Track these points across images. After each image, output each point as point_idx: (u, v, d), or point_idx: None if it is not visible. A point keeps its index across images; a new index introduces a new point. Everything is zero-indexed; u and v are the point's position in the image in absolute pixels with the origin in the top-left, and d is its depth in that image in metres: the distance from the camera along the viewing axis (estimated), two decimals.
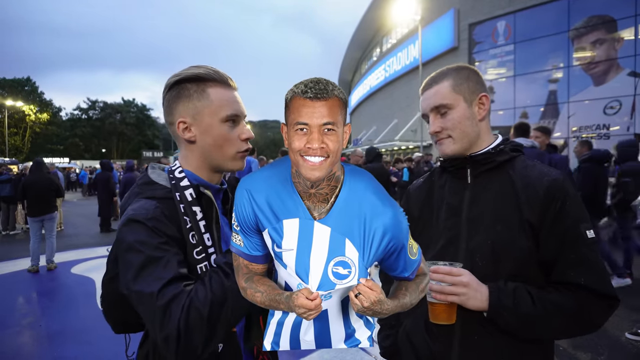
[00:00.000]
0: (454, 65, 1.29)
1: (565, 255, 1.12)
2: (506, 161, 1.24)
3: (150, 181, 1.15)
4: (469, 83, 1.25)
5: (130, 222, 1.03)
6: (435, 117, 1.27)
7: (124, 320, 1.23)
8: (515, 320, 1.11)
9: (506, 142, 1.29)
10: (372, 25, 33.50)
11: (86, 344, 4.08)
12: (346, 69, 45.64)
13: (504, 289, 1.13)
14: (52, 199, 7.22)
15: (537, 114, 18.04)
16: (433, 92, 1.27)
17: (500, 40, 19.20)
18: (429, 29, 22.14)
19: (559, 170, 1.22)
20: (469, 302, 1.12)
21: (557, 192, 1.13)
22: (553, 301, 1.11)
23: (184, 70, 1.15)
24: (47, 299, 5.61)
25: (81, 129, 65.71)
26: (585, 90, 16.52)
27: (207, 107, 1.12)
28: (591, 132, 16.32)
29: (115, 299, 1.17)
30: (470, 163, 1.26)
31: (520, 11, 18.20)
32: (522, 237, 1.14)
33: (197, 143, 1.15)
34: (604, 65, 15.97)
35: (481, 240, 1.19)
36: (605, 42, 15.90)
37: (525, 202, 1.15)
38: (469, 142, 1.25)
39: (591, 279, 1.11)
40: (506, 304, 1.11)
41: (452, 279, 1.12)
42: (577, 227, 1.13)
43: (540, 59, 17.87)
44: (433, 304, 1.16)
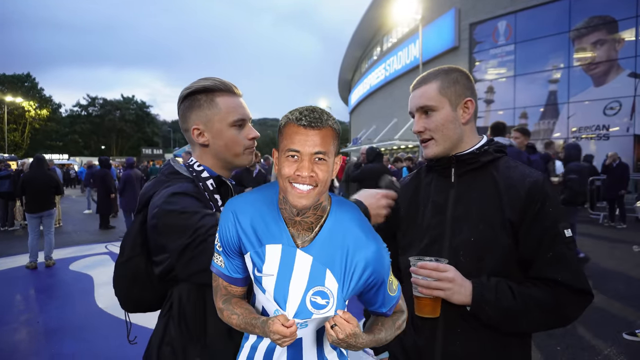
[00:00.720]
0: (445, 67, 1.33)
1: (544, 253, 1.17)
2: (490, 161, 1.29)
3: (176, 171, 1.29)
4: (456, 87, 1.28)
5: (176, 194, 1.14)
6: (419, 117, 1.31)
7: (141, 299, 1.31)
8: (496, 314, 1.16)
9: (490, 142, 1.33)
10: (372, 24, 33.46)
11: (84, 340, 4.07)
12: (346, 68, 45.62)
13: (486, 284, 1.17)
14: (51, 196, 7.20)
15: (537, 114, 18.04)
16: (421, 92, 1.31)
17: (501, 40, 19.19)
18: (429, 28, 22.12)
19: (542, 174, 1.26)
20: (453, 297, 1.16)
21: (537, 193, 1.18)
22: (533, 296, 1.16)
23: (194, 83, 1.29)
24: (45, 296, 5.61)
25: (80, 125, 65.60)
26: (585, 91, 16.52)
27: (217, 114, 1.26)
28: (591, 132, 16.33)
29: (134, 279, 1.26)
30: (455, 163, 1.31)
31: (521, 11, 18.19)
32: (504, 235, 1.19)
33: (210, 146, 1.29)
34: (605, 66, 15.97)
35: (465, 238, 1.23)
36: (605, 43, 15.90)
37: (507, 202, 1.20)
38: (451, 144, 1.29)
39: (568, 275, 1.16)
40: (488, 298, 1.15)
41: (438, 274, 1.16)
42: (555, 226, 1.18)
43: (540, 59, 17.86)
44: (419, 297, 1.20)
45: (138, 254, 1.24)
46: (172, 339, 1.17)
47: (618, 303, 4.87)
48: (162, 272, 1.18)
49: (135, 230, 1.25)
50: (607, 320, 4.35)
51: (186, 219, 1.07)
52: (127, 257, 1.26)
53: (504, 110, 19.12)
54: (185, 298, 1.17)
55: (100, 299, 5.26)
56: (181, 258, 1.07)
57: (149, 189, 1.25)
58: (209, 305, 1.15)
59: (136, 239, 1.24)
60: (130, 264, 1.26)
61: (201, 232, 1.06)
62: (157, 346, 1.21)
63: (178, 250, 1.07)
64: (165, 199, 1.12)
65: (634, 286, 5.40)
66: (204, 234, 1.05)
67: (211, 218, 1.10)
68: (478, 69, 20.31)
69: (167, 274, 1.17)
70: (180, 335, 1.16)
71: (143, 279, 1.25)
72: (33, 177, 7.04)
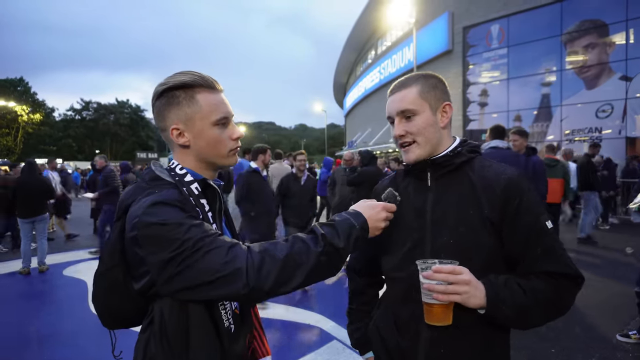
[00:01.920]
0: (423, 73, 1.35)
1: (532, 249, 1.19)
2: (465, 162, 1.30)
3: (157, 177, 1.18)
4: (436, 91, 1.30)
5: (157, 204, 1.03)
6: (400, 121, 1.31)
7: (120, 314, 1.23)
8: (513, 312, 1.15)
9: (464, 143, 1.35)
10: (367, 28, 33.58)
11: (76, 346, 4.03)
12: (341, 71, 45.72)
13: (496, 282, 1.16)
14: (43, 201, 7.12)
15: (531, 117, 18.16)
16: (401, 96, 1.31)
17: (494, 43, 19.32)
18: (423, 32, 22.23)
19: (516, 170, 1.28)
20: (470, 301, 1.12)
21: (514, 190, 1.20)
22: (538, 289, 1.17)
23: (170, 78, 1.18)
24: (38, 302, 5.55)
25: (74, 129, 65.24)
26: (577, 94, 16.65)
27: (197, 112, 1.16)
28: (583, 135, 16.45)
29: (112, 292, 1.18)
30: (430, 166, 1.32)
31: (514, 15, 18.33)
32: (485, 234, 1.20)
33: (192, 147, 1.20)
34: (596, 69, 16.11)
35: (445, 241, 1.24)
36: (597, 46, 16.04)
37: (485, 201, 1.21)
38: (431, 147, 1.30)
39: (560, 265, 1.19)
40: (503, 297, 1.13)
41: (454, 277, 1.11)
42: (537, 221, 1.20)
43: (533, 63, 18.00)
44: (431, 305, 1.13)
45: (117, 264, 1.14)
46: (153, 356, 1.11)
47: (611, 305, 4.90)
48: (143, 287, 1.10)
49: (113, 239, 1.15)
50: (601, 323, 4.37)
51: (168, 232, 0.99)
52: (106, 268, 1.18)
53: (498, 113, 19.22)
54: (167, 313, 1.09)
55: None
56: (162, 273, 0.99)
57: (128, 196, 1.15)
58: (192, 318, 1.10)
59: (115, 249, 1.15)
60: (109, 275, 1.17)
61: (187, 246, 0.97)
62: None
63: (159, 264, 0.99)
64: (144, 210, 1.02)
65: (626, 287, 5.43)
66: (191, 247, 0.97)
67: (197, 229, 1.01)
68: (472, 72, 20.43)
69: (148, 289, 1.09)
70: (162, 351, 1.09)
71: (121, 291, 1.16)
72: (25, 182, 6.94)
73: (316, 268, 1.03)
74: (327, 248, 1.04)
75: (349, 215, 1.14)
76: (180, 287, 1.00)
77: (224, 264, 0.97)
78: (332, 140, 77.13)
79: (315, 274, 1.04)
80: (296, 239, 1.06)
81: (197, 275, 0.98)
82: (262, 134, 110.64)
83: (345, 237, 1.07)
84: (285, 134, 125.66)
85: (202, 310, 1.10)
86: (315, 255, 1.03)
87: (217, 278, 0.97)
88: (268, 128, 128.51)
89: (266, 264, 0.99)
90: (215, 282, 0.97)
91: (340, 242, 1.06)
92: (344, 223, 1.10)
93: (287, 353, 3.82)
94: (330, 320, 4.59)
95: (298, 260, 1.01)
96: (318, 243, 1.05)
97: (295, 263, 1.01)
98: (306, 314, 4.78)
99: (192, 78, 1.16)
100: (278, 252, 1.01)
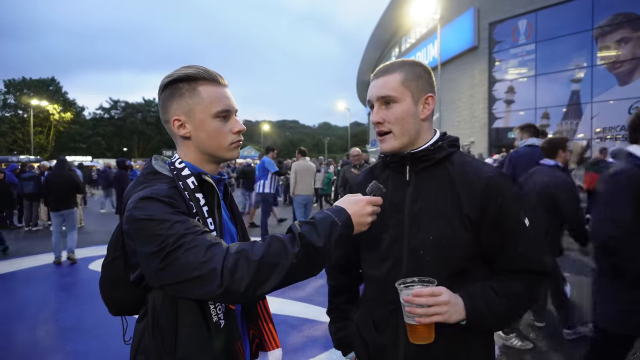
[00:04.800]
0: (410, 60, 1.29)
1: (511, 247, 1.20)
2: (444, 157, 1.26)
3: (155, 171, 1.20)
4: (419, 81, 1.25)
5: (145, 199, 1.05)
6: (379, 107, 1.26)
7: (123, 302, 1.28)
8: (490, 321, 1.18)
9: (444, 137, 1.31)
10: (390, 25, 33.29)
11: (99, 339, 4.14)
12: (365, 69, 45.49)
13: (473, 293, 1.16)
14: (72, 195, 7.49)
15: (559, 115, 17.66)
16: (382, 81, 1.26)
17: (521, 39, 18.85)
18: (448, 28, 21.88)
19: (497, 169, 1.26)
20: (451, 318, 1.12)
21: (495, 190, 1.17)
22: (513, 291, 1.19)
23: (176, 71, 1.20)
24: (65, 294, 5.73)
25: (103, 128, 67.26)
26: (609, 90, 16.10)
27: (199, 104, 1.18)
28: (616, 133, 15.89)
29: (115, 281, 1.24)
30: (409, 160, 1.27)
31: (542, 9, 17.85)
32: (463, 231, 1.17)
33: (192, 138, 1.21)
34: (629, 64, 15.53)
35: (424, 237, 1.20)
36: (630, 41, 15.45)
37: (464, 197, 1.18)
38: (409, 139, 1.26)
39: (538, 264, 1.22)
40: (481, 309, 1.15)
41: (434, 299, 1.09)
42: (519, 220, 1.20)
43: (562, 58, 17.48)
44: (414, 325, 1.12)
45: (119, 255, 1.20)
46: (146, 348, 1.12)
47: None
48: (137, 278, 1.13)
49: (117, 231, 1.21)
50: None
51: (153, 227, 1.00)
52: (111, 258, 1.23)
53: (525, 110, 18.78)
54: (159, 306, 1.10)
55: None
56: (149, 266, 1.00)
57: (129, 189, 1.19)
58: (181, 311, 1.09)
59: (118, 240, 1.20)
60: (112, 266, 1.23)
61: (169, 242, 0.97)
62: (133, 355, 1.17)
63: (145, 258, 1.01)
64: (134, 204, 1.05)
65: None
66: (172, 244, 0.97)
67: (181, 226, 1.00)
68: (498, 68, 20.00)
69: (141, 280, 1.12)
70: (154, 345, 1.09)
71: (123, 282, 1.20)
72: (55, 177, 7.34)
73: (293, 269, 0.99)
74: (305, 248, 1.00)
75: (331, 212, 1.09)
76: (165, 282, 1.00)
77: (201, 264, 0.96)
78: (355, 139, 76.79)
79: (293, 275, 1.00)
80: (273, 239, 1.02)
81: (177, 273, 0.97)
82: (285, 132, 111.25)
83: (325, 236, 1.02)
84: (309, 132, 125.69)
85: (191, 304, 1.10)
86: (292, 256, 0.98)
87: (194, 277, 0.96)
88: (292, 127, 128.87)
89: (240, 266, 0.96)
90: (192, 280, 0.97)
91: (320, 241, 1.01)
92: (325, 221, 1.05)
93: (301, 351, 3.81)
94: None
95: (274, 260, 0.98)
96: (295, 243, 1.00)
97: (271, 264, 0.97)
98: (322, 313, 4.75)
99: (196, 71, 1.18)
100: (254, 253, 0.98)
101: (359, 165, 7.22)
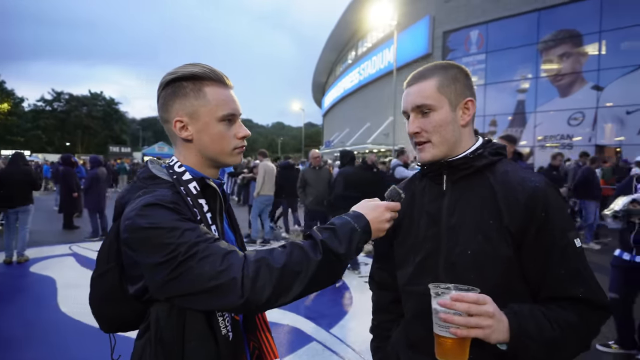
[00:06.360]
0: (443, 62, 1.22)
1: (555, 268, 1.05)
2: (485, 166, 1.16)
3: (153, 175, 1.13)
4: (457, 85, 1.17)
5: (149, 206, 0.98)
6: (415, 116, 1.18)
7: (117, 317, 1.17)
8: (539, 348, 0.98)
9: (487, 144, 1.22)
10: (348, 28, 33.72)
11: (46, 346, 3.86)
12: (321, 71, 45.79)
13: (520, 312, 0.99)
14: (27, 191, 7.02)
15: (506, 122, 18.59)
16: (417, 89, 1.18)
17: (473, 49, 19.68)
18: (404, 35, 22.45)
19: (544, 178, 1.15)
20: (492, 336, 0.94)
21: (540, 200, 1.06)
22: (565, 320, 1.01)
23: (179, 69, 1.13)
24: (3, 300, 5.27)
25: (44, 120, 62.97)
26: (551, 101, 17.15)
27: (204, 106, 1.11)
28: (555, 141, 16.94)
29: (108, 295, 1.13)
30: (447, 169, 1.19)
31: (493, 22, 18.73)
32: (504, 246, 1.07)
33: (194, 141, 1.14)
34: (570, 77, 16.63)
35: (461, 251, 1.11)
36: (571, 56, 16.56)
37: (505, 209, 1.08)
38: (448, 147, 1.17)
39: (588, 291, 1.04)
40: (530, 331, 0.97)
41: (477, 308, 0.92)
42: (564, 236, 1.05)
43: (510, 69, 18.45)
44: (444, 337, 0.95)
45: (113, 267, 1.10)
46: None
47: None
48: (138, 291, 1.04)
49: (110, 241, 1.10)
50: None
51: (161, 235, 0.93)
52: (102, 271, 1.12)
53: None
54: (163, 319, 1.03)
55: (63, 303, 4.97)
56: (155, 278, 0.94)
57: (124, 196, 1.11)
58: (189, 324, 1.04)
59: (111, 250, 1.10)
60: (106, 278, 1.12)
61: (181, 251, 0.92)
62: None
63: (151, 269, 0.94)
64: (137, 212, 0.97)
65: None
66: (184, 252, 0.92)
67: (192, 234, 0.95)
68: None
69: (143, 293, 1.04)
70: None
71: (118, 295, 1.11)
72: (10, 173, 6.84)
73: (316, 277, 0.96)
74: (327, 255, 0.96)
75: (350, 218, 1.05)
76: (174, 293, 0.94)
77: (219, 273, 0.91)
78: (309, 140, 76.86)
79: (315, 283, 0.97)
80: (294, 246, 0.98)
81: (191, 283, 0.91)
82: None
83: (346, 243, 0.99)
84: (262, 132, 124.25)
85: (199, 316, 1.04)
86: (314, 264, 0.95)
87: (211, 287, 0.91)
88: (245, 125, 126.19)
89: (262, 274, 0.92)
90: (209, 291, 0.91)
91: (341, 248, 0.98)
92: (345, 227, 1.02)
93: None
94: (310, 321, 4.51)
95: (296, 269, 0.94)
96: (317, 250, 0.97)
97: (293, 272, 0.93)
98: (284, 315, 4.70)
99: (202, 70, 1.11)
100: (275, 261, 0.94)
101: (318, 166, 7.22)
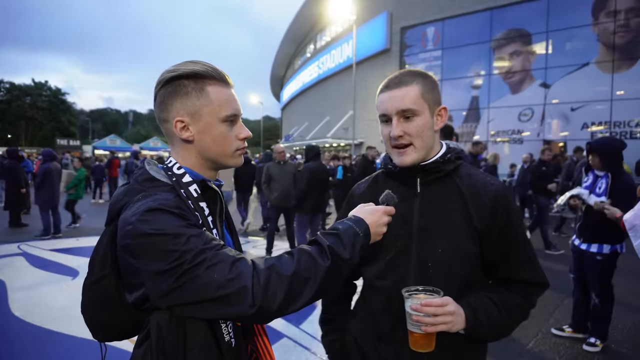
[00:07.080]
0: (418, 70, 1.28)
1: (514, 258, 1.26)
2: (452, 170, 1.28)
3: (152, 177, 1.08)
4: (434, 93, 1.26)
5: (152, 211, 0.94)
6: (399, 120, 1.22)
7: (114, 326, 1.12)
8: (489, 331, 1.23)
9: (450, 150, 1.32)
10: (307, 21, 33.57)
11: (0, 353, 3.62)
12: (279, 64, 45.39)
13: (473, 304, 1.20)
14: None
15: (461, 118, 19.19)
16: (402, 93, 1.21)
17: (429, 45, 20.13)
18: (363, 29, 22.63)
19: (500, 181, 1.35)
20: (453, 328, 1.16)
21: (502, 202, 1.23)
22: (510, 302, 1.25)
23: (179, 66, 1.09)
24: None
25: None
26: (503, 98, 17.86)
27: (207, 106, 1.08)
28: (507, 136, 17.70)
29: (104, 303, 1.07)
30: (420, 172, 1.27)
31: (448, 19, 19.22)
32: (471, 243, 1.21)
33: (195, 142, 1.10)
34: (520, 75, 17.37)
35: (433, 250, 1.21)
36: (521, 54, 17.29)
37: (473, 210, 1.22)
38: (426, 152, 1.25)
39: (534, 274, 1.28)
40: (481, 320, 1.19)
41: (442, 310, 1.13)
42: (521, 233, 1.27)
43: (464, 66, 19.03)
44: (417, 334, 1.15)
45: (109, 273, 1.05)
46: None
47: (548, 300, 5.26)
48: (137, 299, 0.99)
49: (104, 246, 1.04)
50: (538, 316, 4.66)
51: (166, 242, 0.90)
52: (98, 277, 1.06)
53: None
54: (165, 327, 0.99)
55: (15, 306, 4.65)
56: (159, 286, 0.91)
57: (120, 199, 1.06)
58: (191, 333, 1.00)
59: (106, 256, 1.04)
60: (100, 286, 1.06)
61: (187, 259, 0.89)
62: None
63: (154, 277, 0.91)
64: (139, 217, 0.93)
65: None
66: (190, 260, 0.89)
67: (198, 240, 0.92)
68: None
69: (143, 302, 0.99)
70: None
71: (114, 303, 1.06)
72: None
73: (324, 283, 0.97)
74: (334, 260, 0.98)
75: (352, 223, 1.07)
76: (179, 302, 0.91)
77: (228, 281, 0.89)
78: (267, 133, 76.25)
79: (323, 289, 0.98)
80: (301, 252, 0.99)
81: (198, 292, 0.89)
82: None
83: (350, 247, 1.01)
84: None
85: (201, 324, 1.01)
86: (323, 270, 0.96)
87: (220, 296, 0.89)
88: None
89: (273, 282, 0.91)
90: (216, 300, 0.89)
91: (346, 252, 1.00)
92: (348, 232, 1.04)
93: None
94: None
95: (305, 275, 0.94)
96: (325, 256, 0.98)
97: (303, 279, 0.94)
98: None
99: (204, 68, 1.08)
100: (285, 268, 0.94)
101: (283, 161, 7.15)
